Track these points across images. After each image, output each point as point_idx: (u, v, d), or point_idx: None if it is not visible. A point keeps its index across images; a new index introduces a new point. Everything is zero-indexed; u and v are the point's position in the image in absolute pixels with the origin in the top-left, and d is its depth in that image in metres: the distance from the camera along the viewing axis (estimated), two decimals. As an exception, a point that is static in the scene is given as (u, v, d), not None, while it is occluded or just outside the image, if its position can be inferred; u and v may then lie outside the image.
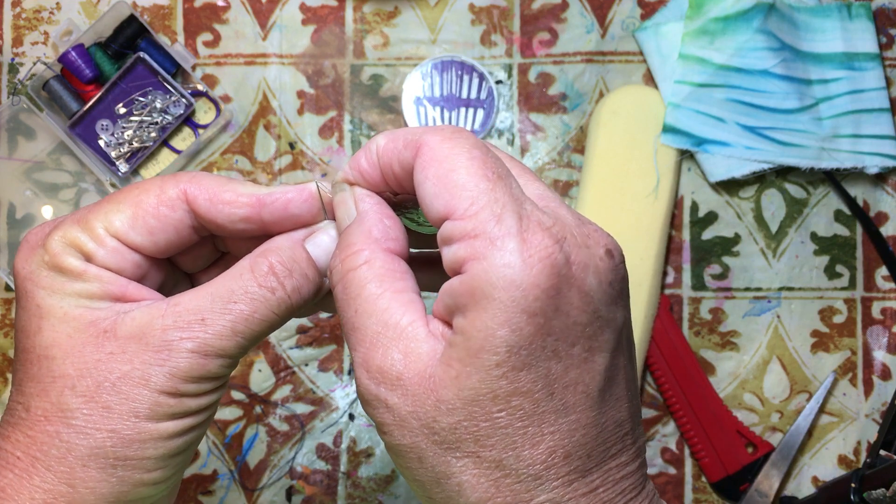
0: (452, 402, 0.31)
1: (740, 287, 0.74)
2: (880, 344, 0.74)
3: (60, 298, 0.35)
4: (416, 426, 0.32)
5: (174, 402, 0.35)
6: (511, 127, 0.74)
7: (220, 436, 0.72)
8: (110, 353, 0.34)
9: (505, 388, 0.31)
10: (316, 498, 0.72)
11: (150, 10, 0.74)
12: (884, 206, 0.75)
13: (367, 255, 0.34)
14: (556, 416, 0.32)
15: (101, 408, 0.34)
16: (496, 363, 0.31)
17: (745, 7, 0.72)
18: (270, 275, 0.36)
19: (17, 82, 0.72)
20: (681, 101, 0.72)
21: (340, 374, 0.73)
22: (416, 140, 0.34)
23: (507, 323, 0.30)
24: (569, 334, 0.32)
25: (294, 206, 0.38)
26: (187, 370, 0.34)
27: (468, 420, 0.31)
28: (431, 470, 0.32)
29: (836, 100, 0.73)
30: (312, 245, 0.38)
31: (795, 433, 0.72)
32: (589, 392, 0.32)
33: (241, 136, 0.74)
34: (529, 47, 0.74)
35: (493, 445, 0.31)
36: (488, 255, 0.31)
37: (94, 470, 0.34)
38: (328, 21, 0.74)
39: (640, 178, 0.72)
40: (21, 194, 0.72)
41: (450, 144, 0.33)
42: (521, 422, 0.31)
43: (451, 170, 0.32)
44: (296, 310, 0.37)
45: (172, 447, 0.35)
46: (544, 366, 0.31)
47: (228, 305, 0.35)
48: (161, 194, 0.37)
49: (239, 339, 0.35)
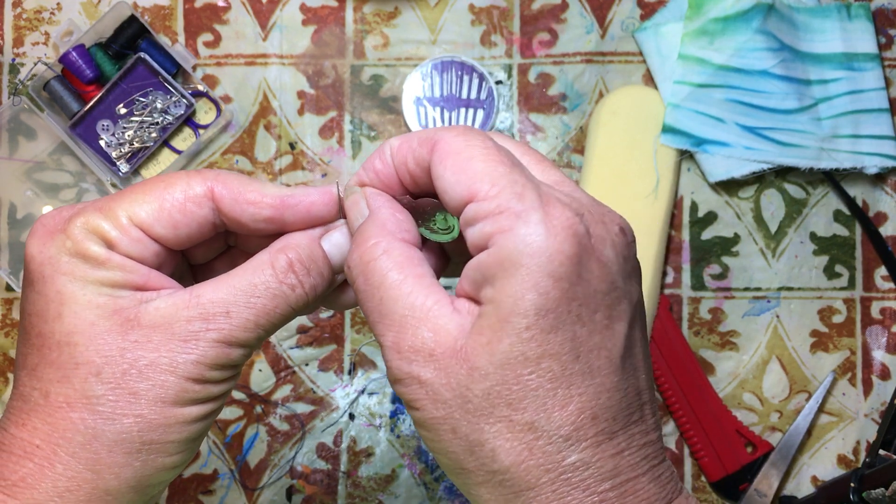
0: (485, 367, 0.33)
1: (740, 287, 0.74)
2: (879, 344, 0.74)
3: (83, 286, 0.36)
4: (449, 397, 0.33)
5: (199, 388, 0.36)
6: (511, 127, 0.74)
7: (221, 435, 0.72)
8: (135, 341, 0.35)
9: (535, 351, 0.32)
10: (316, 497, 0.72)
11: (151, 10, 0.74)
12: (883, 206, 0.75)
13: (385, 245, 0.36)
14: (583, 378, 0.33)
15: (127, 394, 0.35)
16: (525, 326, 0.32)
17: (745, 7, 0.72)
18: (290, 272, 0.37)
19: (17, 82, 0.73)
20: (680, 101, 0.72)
21: (340, 374, 0.73)
22: (430, 137, 0.36)
23: (535, 287, 0.32)
24: (591, 301, 0.33)
25: (316, 209, 0.39)
26: (213, 358, 0.36)
27: (500, 384, 0.33)
28: (465, 439, 0.33)
29: (835, 100, 0.73)
30: (328, 243, 0.39)
31: (795, 433, 0.72)
32: (611, 357, 0.34)
33: (242, 137, 0.74)
34: (529, 48, 0.74)
35: (525, 408, 0.33)
36: (514, 227, 0.32)
37: (119, 455, 0.35)
38: (328, 21, 0.74)
39: (639, 179, 0.72)
40: (22, 194, 0.72)
41: (464, 138, 0.35)
42: (550, 384, 0.33)
43: (468, 158, 0.34)
44: (311, 305, 0.39)
45: (193, 431, 0.37)
46: (570, 329, 0.33)
47: (251, 300, 0.36)
48: (188, 190, 0.38)
49: (260, 332, 0.37)
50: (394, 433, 0.73)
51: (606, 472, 0.33)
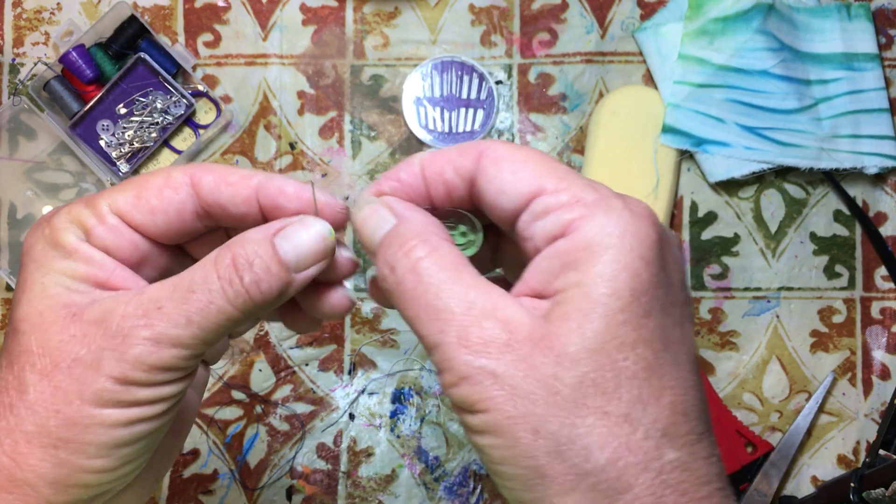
0: (576, 353, 0.30)
1: (740, 287, 0.74)
2: (879, 344, 0.74)
3: (44, 274, 0.36)
4: (531, 390, 0.30)
5: (121, 389, 0.34)
6: (511, 127, 0.74)
7: (221, 435, 0.72)
8: (72, 335, 0.35)
9: (630, 335, 0.31)
10: (316, 497, 0.72)
11: (151, 10, 0.74)
12: (883, 206, 0.75)
13: (434, 241, 0.34)
14: (673, 369, 0.31)
15: (51, 387, 0.34)
16: (620, 307, 0.30)
17: (745, 7, 0.72)
18: (230, 267, 0.35)
19: (17, 83, 0.73)
20: (680, 101, 0.72)
21: (340, 374, 0.73)
22: (474, 147, 0.35)
23: (627, 268, 0.31)
24: (671, 293, 0.32)
25: (285, 198, 0.37)
26: (137, 357, 0.34)
27: (594, 371, 0.30)
28: (551, 438, 0.30)
29: (835, 100, 0.73)
30: (282, 239, 0.36)
31: (795, 433, 0.72)
32: (689, 354, 0.32)
33: (242, 137, 0.74)
34: (529, 48, 0.74)
35: (620, 398, 0.30)
36: (597, 212, 0.32)
37: (36, 448, 0.34)
38: (328, 21, 0.74)
39: (639, 179, 0.72)
40: (22, 194, 0.72)
41: (512, 146, 0.35)
42: (644, 372, 0.31)
43: (525, 160, 0.34)
44: (259, 305, 0.36)
45: (116, 436, 0.35)
46: (659, 317, 0.31)
47: (186, 295, 0.34)
48: (167, 178, 0.37)
49: (194, 329, 0.34)
50: (394, 433, 0.73)
51: (702, 475, 0.31)
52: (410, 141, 0.74)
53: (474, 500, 0.72)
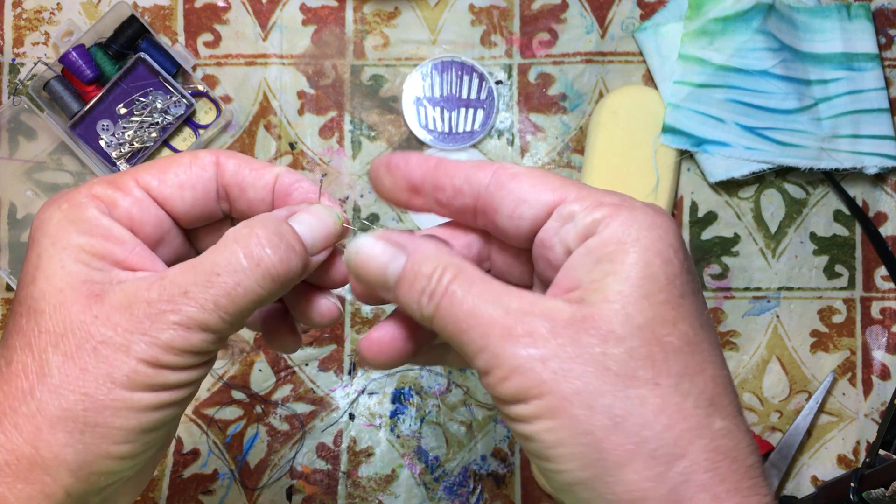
0: (622, 330, 0.32)
1: (740, 287, 0.74)
2: (879, 344, 0.74)
3: (61, 249, 0.35)
4: (582, 369, 0.31)
5: (152, 373, 0.34)
6: (511, 127, 0.74)
7: (221, 435, 0.72)
8: (95, 316, 0.34)
9: (670, 314, 0.32)
10: (316, 497, 0.72)
11: (151, 10, 0.74)
12: (883, 206, 0.75)
13: (455, 262, 0.35)
14: (710, 346, 0.33)
15: (78, 369, 0.33)
16: (658, 288, 0.32)
17: (745, 7, 0.72)
18: (256, 246, 0.35)
19: (17, 83, 0.73)
20: (680, 101, 0.72)
21: (340, 374, 0.73)
22: (489, 163, 0.37)
23: (660, 254, 0.33)
24: (692, 281, 0.34)
25: (300, 191, 0.39)
26: (168, 341, 0.34)
27: (642, 345, 0.32)
28: (606, 413, 0.31)
29: (835, 100, 0.73)
30: (296, 222, 0.38)
31: (795, 433, 0.72)
32: (713, 339, 0.34)
33: (242, 137, 0.74)
34: (529, 48, 0.74)
35: (669, 370, 0.32)
36: (622, 211, 0.34)
37: (61, 433, 0.33)
38: (328, 21, 0.74)
39: (639, 179, 0.72)
40: (22, 194, 0.72)
41: (525, 166, 0.37)
42: (688, 347, 0.32)
43: (543, 175, 0.36)
44: (282, 285, 0.36)
45: (145, 421, 0.34)
46: (692, 298, 0.33)
47: (211, 278, 0.34)
48: (194, 157, 0.39)
49: (222, 314, 0.34)
50: (394, 433, 0.73)
51: (747, 445, 0.32)
52: (410, 141, 0.74)
53: (474, 500, 0.72)
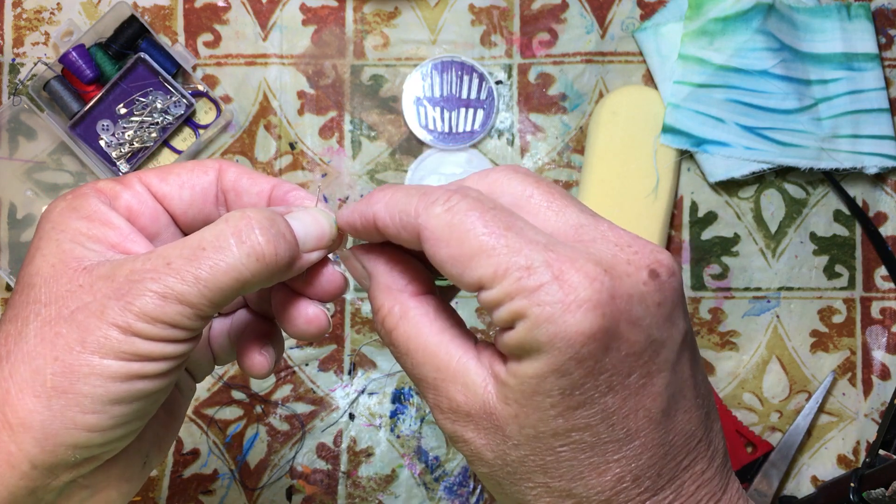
0: (517, 437, 0.33)
1: (740, 287, 0.74)
2: (879, 344, 0.74)
3: (60, 232, 0.36)
4: (490, 458, 0.34)
5: (123, 339, 0.33)
6: (511, 127, 0.74)
7: (221, 435, 0.72)
8: (79, 285, 0.34)
9: (563, 426, 0.32)
10: (316, 497, 0.72)
11: (151, 10, 0.74)
12: (883, 206, 0.75)
13: (398, 310, 0.36)
14: (620, 444, 0.33)
15: (52, 334, 0.34)
16: (551, 405, 0.32)
17: (745, 8, 0.72)
18: (245, 226, 0.35)
19: (17, 83, 0.73)
20: (680, 101, 0.72)
21: (340, 374, 0.73)
22: (413, 223, 0.34)
23: (558, 371, 0.31)
24: (622, 367, 0.32)
25: (296, 200, 0.40)
26: (142, 308, 0.33)
27: (534, 454, 0.33)
28: (511, 497, 0.35)
29: (835, 100, 0.73)
30: (290, 217, 0.38)
31: (795, 433, 0.72)
32: (651, 416, 0.33)
33: (242, 137, 0.74)
34: (529, 48, 0.74)
35: (561, 476, 0.33)
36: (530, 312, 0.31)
37: (28, 397, 0.33)
38: (328, 21, 0.74)
39: (639, 179, 0.72)
40: (22, 194, 0.72)
41: (448, 217, 0.33)
42: (584, 454, 0.33)
43: (459, 241, 0.32)
44: (268, 269, 0.36)
45: (113, 390, 0.34)
46: (600, 402, 0.32)
47: (196, 252, 0.34)
48: (198, 162, 0.41)
49: (202, 287, 0.34)
50: (394, 433, 0.73)
51: None
52: (410, 141, 0.74)
53: (474, 500, 0.72)
